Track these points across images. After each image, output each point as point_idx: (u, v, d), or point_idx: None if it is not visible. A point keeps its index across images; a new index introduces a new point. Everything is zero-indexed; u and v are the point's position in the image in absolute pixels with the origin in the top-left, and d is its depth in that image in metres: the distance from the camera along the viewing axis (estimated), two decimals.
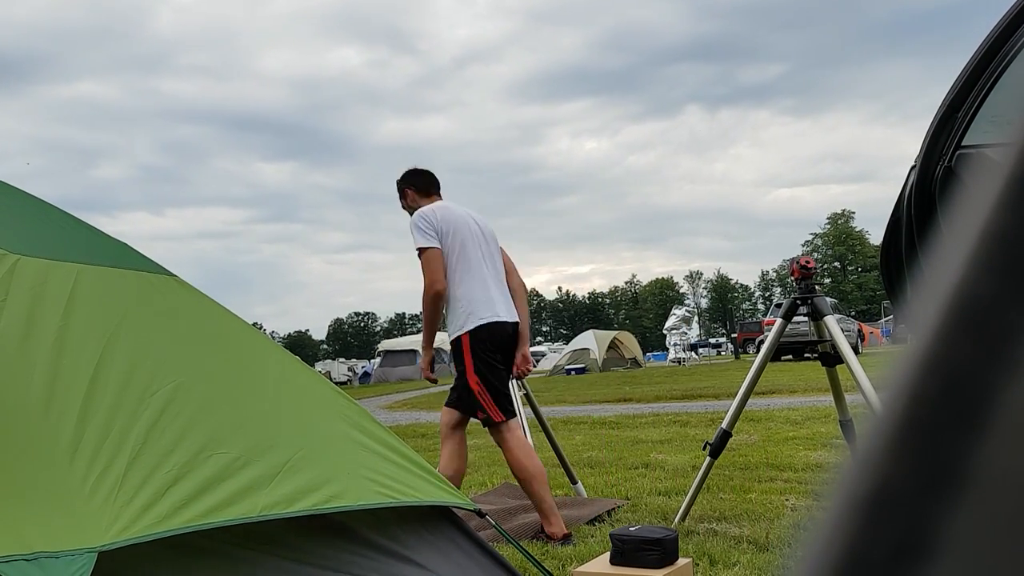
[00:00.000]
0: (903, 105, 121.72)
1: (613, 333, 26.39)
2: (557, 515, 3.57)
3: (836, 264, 69.93)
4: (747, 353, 27.31)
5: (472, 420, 3.63)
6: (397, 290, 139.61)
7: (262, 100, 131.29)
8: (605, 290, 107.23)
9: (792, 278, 3.78)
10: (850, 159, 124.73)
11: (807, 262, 3.74)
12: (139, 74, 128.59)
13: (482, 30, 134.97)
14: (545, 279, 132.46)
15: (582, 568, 2.91)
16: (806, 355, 18.12)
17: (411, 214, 3.72)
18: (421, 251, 3.56)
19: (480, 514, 2.47)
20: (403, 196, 3.88)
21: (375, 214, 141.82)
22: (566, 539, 3.53)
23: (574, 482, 4.66)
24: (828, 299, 3.96)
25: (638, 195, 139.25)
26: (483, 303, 3.58)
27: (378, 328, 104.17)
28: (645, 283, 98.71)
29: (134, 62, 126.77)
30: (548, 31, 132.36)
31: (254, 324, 2.53)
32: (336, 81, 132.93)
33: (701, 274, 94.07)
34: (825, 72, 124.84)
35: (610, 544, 2.89)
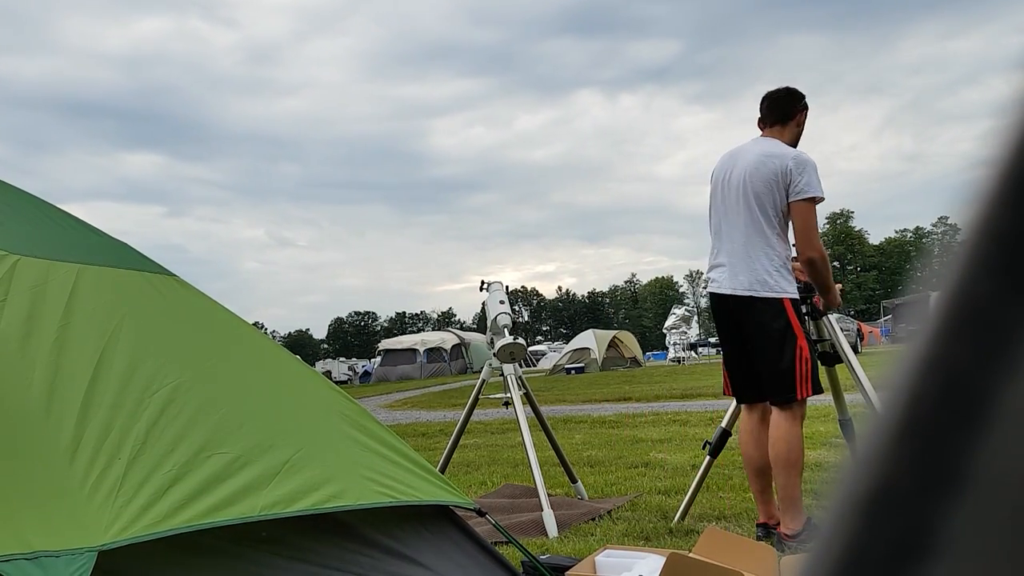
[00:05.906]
0: (820, 92, 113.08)
1: (613, 332, 26.34)
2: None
3: (835, 264, 69.98)
4: None
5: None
6: (357, 287, 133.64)
7: (90, 83, 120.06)
8: (604, 288, 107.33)
9: None
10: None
11: None
12: None
13: None
14: (514, 277, 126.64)
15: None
16: None
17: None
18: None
19: (480, 513, 2.47)
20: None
21: (285, 211, 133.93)
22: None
23: (574, 481, 4.66)
24: None
25: (563, 193, 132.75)
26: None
27: (378, 327, 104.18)
28: (645, 282, 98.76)
29: None
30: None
31: (255, 324, 2.53)
32: (159, 60, 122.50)
33: (701, 273, 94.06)
34: (725, 51, 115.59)
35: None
